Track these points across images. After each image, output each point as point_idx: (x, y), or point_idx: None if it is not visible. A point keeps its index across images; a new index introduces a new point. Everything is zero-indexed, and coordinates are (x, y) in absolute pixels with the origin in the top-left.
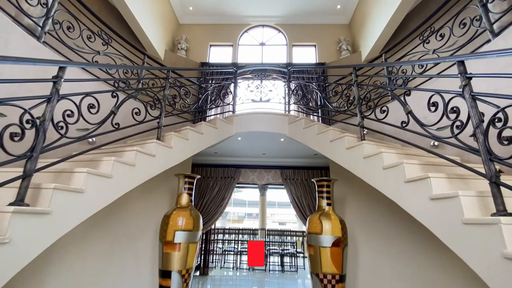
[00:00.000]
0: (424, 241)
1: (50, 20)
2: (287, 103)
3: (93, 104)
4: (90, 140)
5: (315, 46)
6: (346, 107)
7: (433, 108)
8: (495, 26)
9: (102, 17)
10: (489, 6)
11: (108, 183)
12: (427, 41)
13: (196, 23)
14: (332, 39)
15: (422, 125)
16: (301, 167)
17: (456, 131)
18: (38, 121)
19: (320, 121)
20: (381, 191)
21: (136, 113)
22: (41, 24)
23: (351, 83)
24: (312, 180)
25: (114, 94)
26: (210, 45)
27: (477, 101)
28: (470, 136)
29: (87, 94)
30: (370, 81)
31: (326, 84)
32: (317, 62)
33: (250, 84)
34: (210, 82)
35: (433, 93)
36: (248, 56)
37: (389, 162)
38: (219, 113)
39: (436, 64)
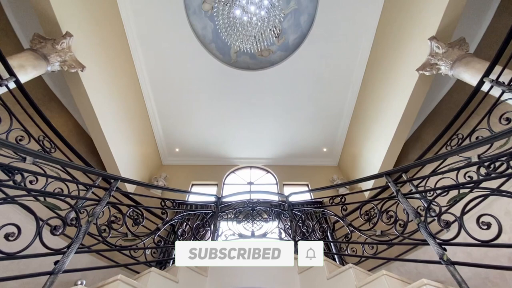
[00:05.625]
0: None
1: None
2: (292, 238)
3: None
4: None
5: (307, 185)
6: (398, 233)
7: None
8: None
9: (72, 143)
10: None
11: None
12: (455, 155)
13: (180, 164)
14: (324, 178)
15: None
16: None
17: None
18: None
19: (337, 262)
20: None
21: (8, 237)
22: None
23: (393, 195)
24: None
25: None
26: (192, 184)
27: None
28: None
29: None
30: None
31: (346, 212)
32: (312, 199)
33: (237, 212)
34: (181, 210)
35: None
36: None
37: None
38: None
39: None
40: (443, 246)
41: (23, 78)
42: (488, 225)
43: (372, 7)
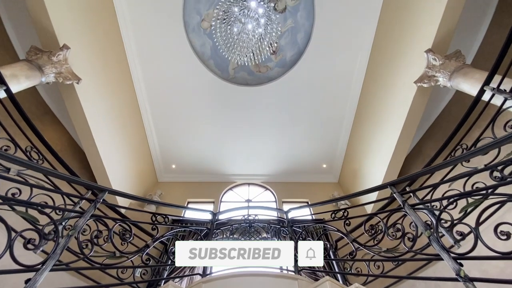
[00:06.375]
0: None
1: None
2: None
3: None
4: None
5: (307, 202)
6: (407, 249)
7: None
8: None
9: (65, 158)
10: None
11: None
12: (467, 160)
13: (176, 181)
14: (325, 194)
15: None
16: None
17: None
18: None
19: (341, 282)
20: None
21: None
22: None
23: (399, 207)
24: None
25: None
26: (188, 202)
27: None
28: None
29: None
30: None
31: (350, 228)
32: (312, 215)
33: (233, 230)
34: (173, 226)
35: None
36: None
37: None
38: (186, 275)
39: None
40: (458, 261)
41: (16, 88)
42: (508, 235)
43: (368, 22)
